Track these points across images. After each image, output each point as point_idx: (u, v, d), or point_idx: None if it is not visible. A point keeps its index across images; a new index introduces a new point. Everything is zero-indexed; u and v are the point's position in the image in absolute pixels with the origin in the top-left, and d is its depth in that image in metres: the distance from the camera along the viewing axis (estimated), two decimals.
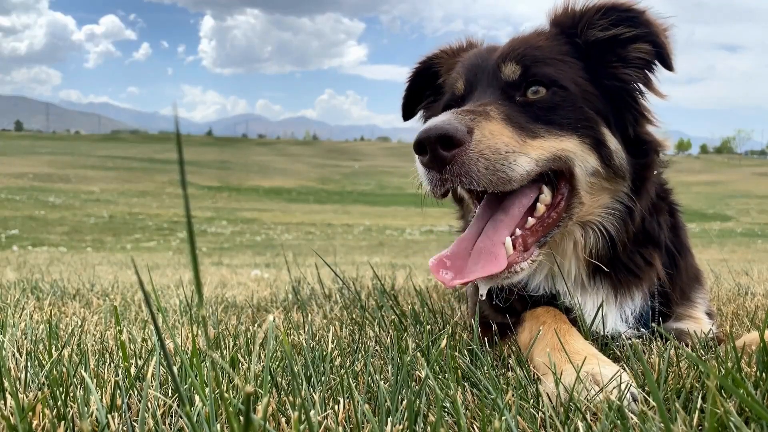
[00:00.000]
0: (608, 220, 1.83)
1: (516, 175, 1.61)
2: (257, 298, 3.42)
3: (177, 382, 0.97)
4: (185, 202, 0.84)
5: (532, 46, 1.84)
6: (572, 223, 1.80)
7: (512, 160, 1.60)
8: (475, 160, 1.57)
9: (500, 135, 1.62)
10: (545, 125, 1.71)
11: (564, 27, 1.88)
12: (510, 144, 1.62)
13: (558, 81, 1.76)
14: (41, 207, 38.66)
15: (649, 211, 1.90)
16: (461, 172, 1.58)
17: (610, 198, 1.82)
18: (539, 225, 1.73)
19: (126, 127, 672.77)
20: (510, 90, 1.77)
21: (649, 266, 1.89)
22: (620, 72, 1.83)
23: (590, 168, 1.76)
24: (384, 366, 1.66)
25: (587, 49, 1.84)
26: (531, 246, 1.71)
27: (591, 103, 1.78)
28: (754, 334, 1.77)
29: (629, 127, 1.82)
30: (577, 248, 1.85)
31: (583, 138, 1.75)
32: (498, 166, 1.58)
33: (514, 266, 1.66)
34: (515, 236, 1.69)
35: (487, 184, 1.59)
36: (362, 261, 9.10)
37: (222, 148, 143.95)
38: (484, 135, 1.59)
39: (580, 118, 1.75)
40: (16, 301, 3.11)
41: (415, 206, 11.67)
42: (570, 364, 1.46)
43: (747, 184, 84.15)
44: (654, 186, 1.90)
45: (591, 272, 1.87)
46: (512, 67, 1.79)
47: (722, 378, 1.11)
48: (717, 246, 15.74)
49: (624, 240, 1.84)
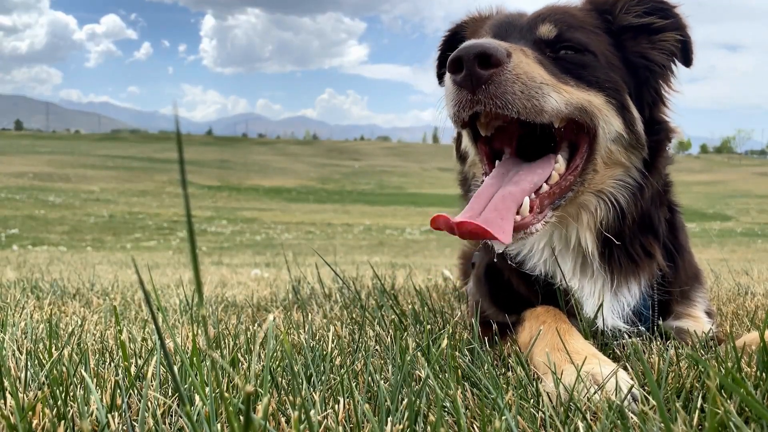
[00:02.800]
0: (620, 191, 1.84)
1: (548, 106, 1.61)
2: (257, 298, 3.42)
3: (177, 381, 0.97)
4: (185, 202, 0.84)
5: (569, 14, 1.88)
6: (584, 190, 1.80)
7: (546, 91, 1.61)
8: (511, 82, 1.56)
9: (536, 68, 1.64)
10: (574, 78, 1.74)
11: (599, 6, 1.93)
12: (545, 77, 1.64)
13: (589, 47, 1.80)
14: (41, 206, 38.66)
15: (654, 198, 1.91)
16: (497, 93, 1.56)
17: (623, 172, 1.84)
18: (555, 188, 1.74)
19: (126, 127, 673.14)
20: (542, 45, 1.79)
21: (648, 257, 1.90)
22: (648, 51, 1.88)
23: (613, 131, 1.78)
24: (384, 365, 1.66)
25: (618, 31, 1.90)
26: (545, 208, 1.72)
27: (617, 73, 1.83)
28: (754, 333, 1.77)
29: (646, 107, 1.86)
30: (591, 219, 1.85)
31: (610, 99, 1.78)
32: (533, 93, 1.59)
33: (529, 227, 1.66)
34: (531, 199, 1.69)
35: (520, 109, 1.58)
36: (362, 260, 9.10)
37: (222, 147, 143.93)
38: (522, 61, 1.60)
39: (607, 80, 1.79)
40: (16, 301, 3.11)
41: (415, 206, 11.66)
42: (570, 363, 1.46)
43: (747, 183, 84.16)
44: (665, 166, 1.93)
45: (600, 247, 1.87)
46: (549, 27, 1.81)
47: (722, 378, 1.11)
48: (717, 246, 15.74)
49: (633, 215, 1.85)
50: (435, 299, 3.14)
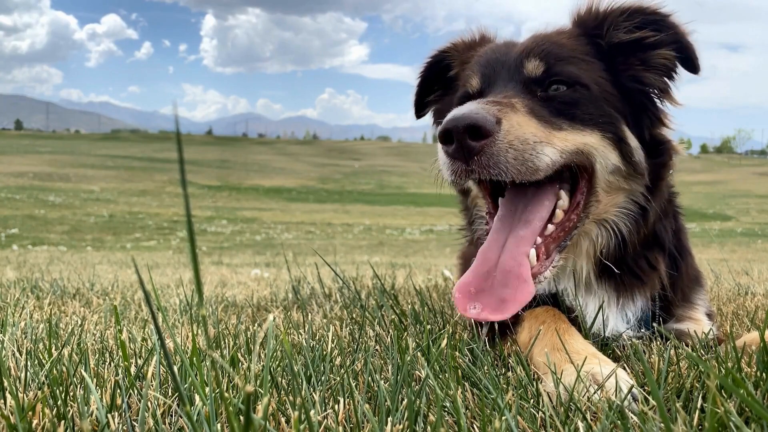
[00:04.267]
0: (622, 219, 1.82)
1: (543, 164, 1.59)
2: (257, 298, 3.42)
3: (177, 381, 0.97)
4: (185, 202, 0.84)
5: (556, 44, 1.83)
6: (589, 222, 1.79)
7: (539, 150, 1.59)
8: (504, 151, 1.55)
9: (527, 126, 1.61)
10: (567, 120, 1.71)
11: (587, 27, 1.87)
12: (537, 134, 1.61)
13: (580, 79, 1.75)
14: (41, 206, 38.66)
15: (659, 216, 1.90)
16: (489, 164, 1.55)
17: (624, 198, 1.82)
18: (560, 230, 1.73)
19: (126, 127, 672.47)
20: (532, 85, 1.76)
21: (653, 271, 1.89)
22: (642, 74, 1.82)
23: (611, 165, 1.76)
24: (384, 365, 1.66)
25: (609, 51, 1.84)
26: (552, 252, 1.71)
27: (610, 102, 1.78)
28: (754, 334, 1.77)
29: (645, 130, 1.82)
30: (591, 247, 1.84)
31: (605, 134, 1.75)
32: (526, 156, 1.57)
33: (538, 276, 1.66)
34: (537, 245, 1.68)
35: (515, 175, 1.57)
36: (362, 260, 9.10)
37: (222, 147, 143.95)
38: (512, 125, 1.58)
39: (601, 114, 1.75)
40: (16, 300, 3.11)
41: (415, 206, 11.66)
42: (570, 363, 1.46)
43: (747, 183, 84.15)
44: (668, 186, 1.91)
45: (598, 273, 1.86)
46: (535, 63, 1.77)
47: (722, 378, 1.11)
48: (717, 246, 15.74)
49: (635, 241, 1.84)
50: (435, 299, 3.14)
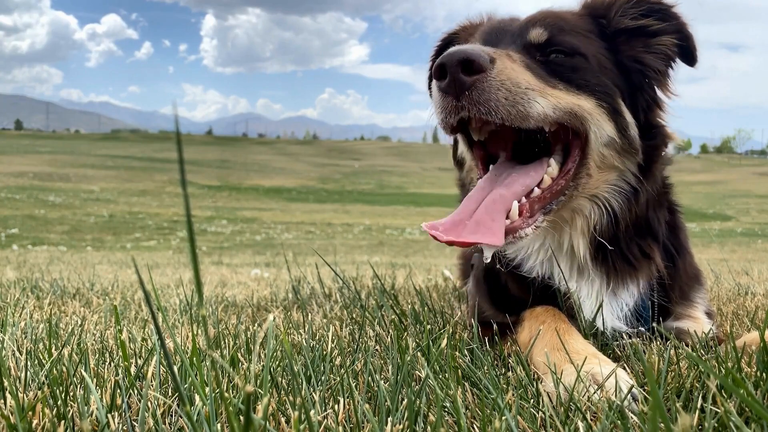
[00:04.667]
0: (614, 197, 1.82)
1: (534, 112, 1.60)
2: (257, 298, 3.42)
3: (177, 381, 0.97)
4: (185, 202, 0.84)
5: (561, 18, 1.86)
6: (578, 194, 1.79)
7: (532, 96, 1.60)
8: (495, 88, 1.56)
9: (521, 73, 1.63)
10: (564, 82, 1.72)
11: (594, 10, 1.90)
12: (531, 82, 1.62)
13: (580, 50, 1.77)
14: (41, 206, 38.65)
15: (651, 202, 1.90)
16: (480, 99, 1.56)
17: (617, 176, 1.82)
18: (546, 193, 1.73)
19: (126, 127, 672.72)
20: (532, 49, 1.78)
21: (646, 258, 1.89)
22: (642, 55, 1.85)
23: (605, 136, 1.76)
24: (384, 365, 1.66)
25: (613, 34, 1.87)
26: (536, 212, 1.71)
27: (609, 77, 1.80)
28: (754, 334, 1.77)
29: (640, 111, 1.83)
30: (585, 224, 1.85)
31: (601, 102, 1.75)
32: (518, 98, 1.57)
33: (519, 231, 1.66)
34: (521, 203, 1.69)
35: (504, 116, 1.57)
36: (362, 260, 9.10)
37: (222, 147, 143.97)
38: (506, 66, 1.59)
39: (598, 84, 1.77)
40: (16, 300, 3.11)
41: (415, 206, 11.67)
42: (570, 363, 1.46)
43: (747, 183, 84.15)
44: (661, 171, 1.91)
45: (593, 252, 1.86)
46: (539, 31, 1.79)
47: (722, 378, 1.11)
48: (717, 246, 15.74)
49: (627, 220, 1.84)
50: (435, 299, 3.14)
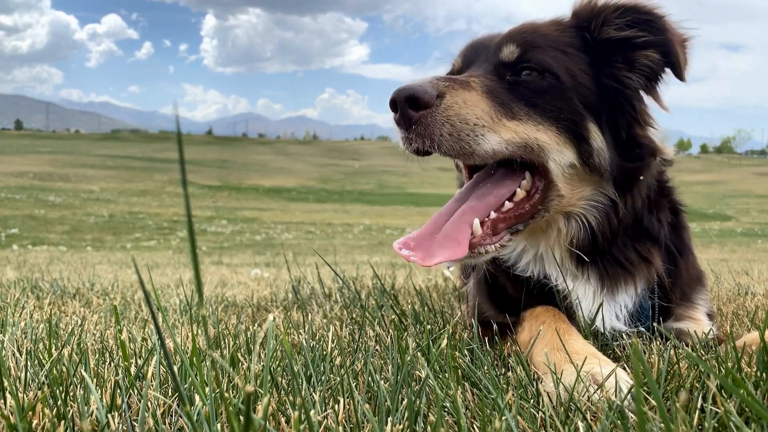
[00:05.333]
0: (590, 212, 1.81)
1: (480, 150, 1.61)
2: (257, 298, 3.42)
3: (177, 381, 0.97)
4: (186, 202, 0.84)
5: (538, 33, 1.83)
6: (551, 214, 1.79)
7: (480, 133, 1.61)
8: (439, 125, 1.60)
9: (473, 106, 1.63)
10: (527, 107, 1.71)
11: (580, 19, 1.86)
12: (481, 118, 1.63)
13: (551, 68, 1.74)
14: (41, 206, 38.65)
15: (648, 207, 1.88)
16: (424, 134, 1.61)
17: (592, 190, 1.80)
18: (514, 211, 1.73)
19: (126, 126, 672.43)
20: (503, 69, 1.77)
21: (644, 262, 1.88)
22: (622, 74, 1.79)
23: (566, 161, 1.74)
24: (384, 365, 1.66)
25: (597, 46, 1.81)
26: (501, 231, 1.72)
27: (583, 96, 1.75)
28: (754, 334, 1.77)
29: (621, 129, 1.79)
30: (560, 237, 1.84)
31: (562, 131, 1.73)
32: (462, 135, 1.60)
33: (477, 248, 1.67)
34: (487, 219, 1.70)
35: (448, 150, 1.61)
36: (362, 260, 9.10)
37: (222, 147, 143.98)
38: (456, 102, 1.62)
39: (564, 109, 1.73)
40: (16, 300, 3.11)
41: (415, 206, 11.70)
42: (570, 363, 1.46)
43: (747, 183, 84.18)
44: (646, 187, 1.86)
45: (573, 261, 1.86)
46: (511, 48, 1.78)
47: (722, 378, 1.11)
48: (717, 246, 15.73)
49: (606, 233, 1.82)
50: (435, 299, 3.14)
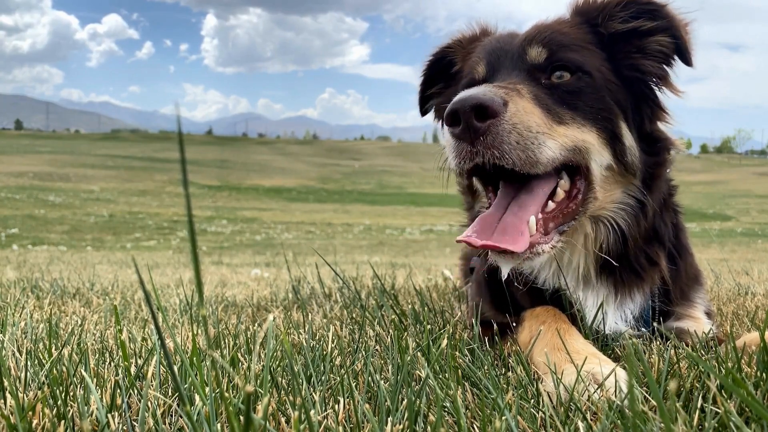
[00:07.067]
0: (620, 215, 1.82)
1: (543, 158, 1.58)
2: (257, 298, 3.42)
3: (177, 381, 0.97)
4: (187, 201, 0.84)
5: (558, 32, 1.82)
6: (585, 217, 1.79)
7: (542, 141, 1.58)
8: (507, 133, 1.54)
9: (532, 113, 1.61)
10: (570, 111, 1.70)
11: (586, 17, 1.87)
12: (541, 125, 1.61)
13: (583, 66, 1.75)
14: (41, 206, 38.65)
15: (658, 208, 1.89)
16: (494, 144, 1.54)
17: (621, 193, 1.81)
18: (559, 211, 1.72)
19: (126, 126, 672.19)
20: (536, 72, 1.75)
21: (653, 266, 1.88)
22: (640, 62, 1.81)
23: (605, 162, 1.75)
24: (384, 365, 1.66)
25: (609, 40, 1.83)
26: (551, 231, 1.70)
27: (612, 93, 1.77)
28: (754, 334, 1.77)
29: (646, 121, 1.81)
30: (588, 242, 1.83)
31: (601, 131, 1.74)
32: (529, 144, 1.56)
33: (536, 246, 1.64)
34: (537, 219, 1.68)
35: (516, 160, 1.56)
36: (362, 260, 9.10)
37: (222, 147, 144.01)
38: (518, 110, 1.57)
39: (601, 108, 1.74)
40: (16, 300, 3.11)
41: (415, 206, 11.70)
42: (570, 363, 1.46)
43: (747, 183, 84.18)
44: (665, 184, 1.90)
45: (598, 268, 1.86)
46: (538, 49, 1.77)
47: (722, 378, 1.11)
48: (717, 246, 15.73)
49: (635, 236, 1.83)
50: (435, 299, 3.14)
